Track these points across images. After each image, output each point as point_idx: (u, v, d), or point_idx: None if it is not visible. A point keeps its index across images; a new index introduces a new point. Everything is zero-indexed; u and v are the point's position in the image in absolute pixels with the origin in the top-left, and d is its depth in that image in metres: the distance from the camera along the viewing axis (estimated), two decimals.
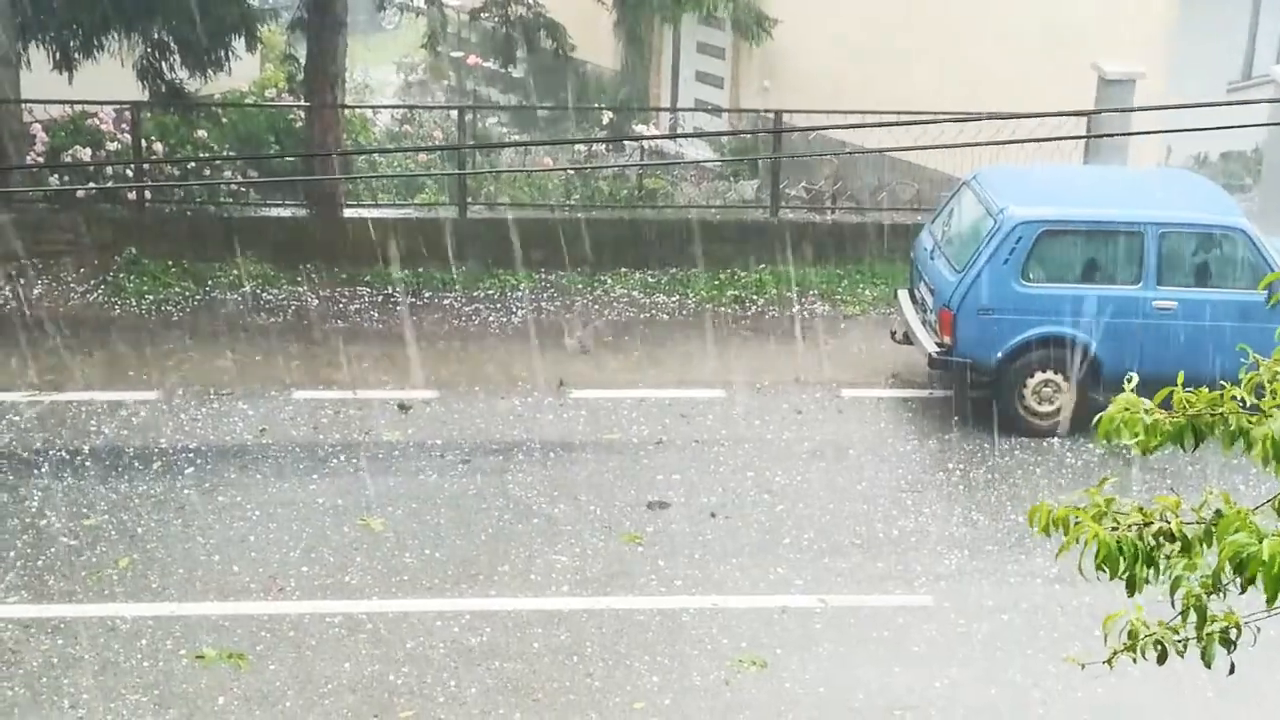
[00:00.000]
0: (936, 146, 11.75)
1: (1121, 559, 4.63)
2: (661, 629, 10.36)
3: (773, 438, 13.07)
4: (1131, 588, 4.64)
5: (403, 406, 13.36)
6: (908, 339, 13.99)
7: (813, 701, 9.67)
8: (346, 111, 17.45)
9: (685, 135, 20.66)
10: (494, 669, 9.86)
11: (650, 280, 16.29)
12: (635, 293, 16.04)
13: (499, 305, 15.60)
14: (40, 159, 16.58)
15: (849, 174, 18.49)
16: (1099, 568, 4.66)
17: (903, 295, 14.46)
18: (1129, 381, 4.97)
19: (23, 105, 16.42)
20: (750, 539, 11.47)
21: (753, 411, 13.53)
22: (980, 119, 10.13)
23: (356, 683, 9.66)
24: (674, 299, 15.95)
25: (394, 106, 20.58)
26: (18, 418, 12.86)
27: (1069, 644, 10.04)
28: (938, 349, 13.27)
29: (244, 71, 18.42)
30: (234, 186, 16.86)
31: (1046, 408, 13.18)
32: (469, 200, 16.94)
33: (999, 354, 13.11)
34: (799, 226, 17.12)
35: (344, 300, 15.55)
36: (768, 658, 10.04)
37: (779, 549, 11.34)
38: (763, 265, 16.53)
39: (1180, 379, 4.96)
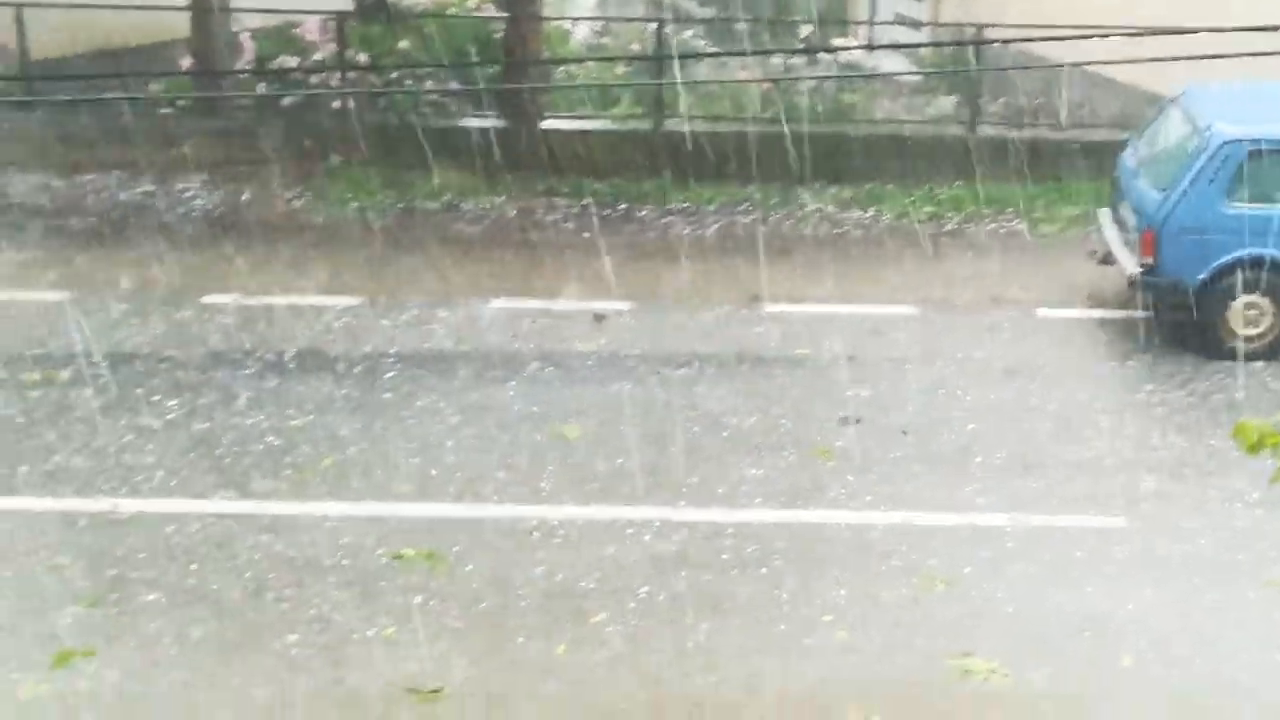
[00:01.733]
0: (1142, 60, 11.46)
1: None
2: (850, 544, 10.38)
3: (966, 356, 12.98)
4: None
5: (598, 317, 13.50)
6: (1107, 259, 13.75)
7: (1001, 619, 9.64)
8: (545, 23, 17.55)
9: (883, 47, 20.44)
10: (683, 578, 9.96)
11: (845, 195, 16.21)
12: (829, 207, 15.98)
13: (693, 218, 15.65)
14: (248, 67, 16.95)
15: (1050, 90, 18.15)
16: None
17: (1103, 214, 14.21)
18: None
19: (232, 13, 16.78)
20: (941, 457, 11.42)
21: (946, 329, 13.44)
22: (1189, 33, 9.86)
23: (550, 587, 9.82)
24: (869, 214, 15.86)
25: (592, 19, 20.65)
26: (228, 320, 13.26)
27: (1270, 568, 9.88)
28: (1139, 269, 13.04)
29: None
30: (435, 97, 17.10)
31: (1251, 331, 12.89)
32: (665, 113, 16.98)
33: (1203, 276, 12.82)
34: (997, 143, 16.88)
35: (540, 211, 15.72)
36: (956, 575, 10.00)
37: (970, 467, 11.28)
38: (959, 182, 16.34)
39: None
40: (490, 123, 16.99)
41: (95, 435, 11.33)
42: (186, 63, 17.21)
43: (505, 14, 17.08)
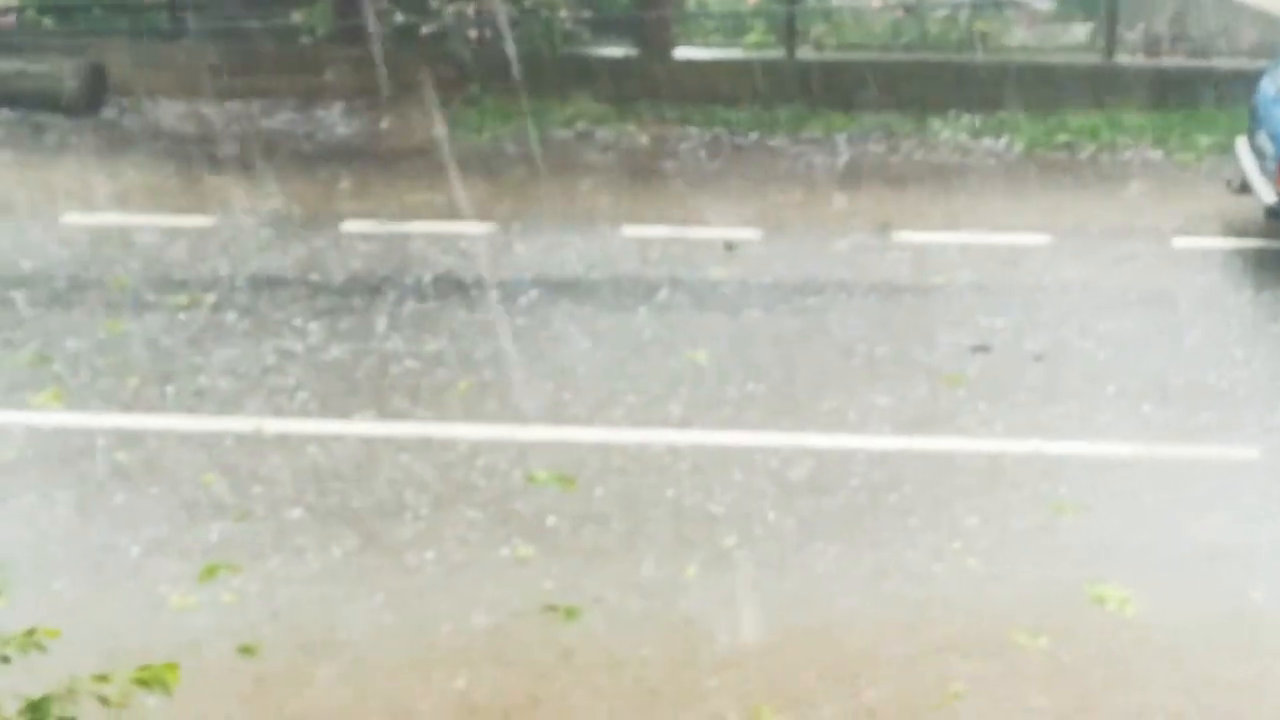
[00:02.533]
0: None
1: None
2: (980, 472, 10.38)
3: (1099, 285, 12.92)
4: None
5: (729, 245, 13.59)
6: (1244, 188, 13.59)
7: (1131, 549, 9.62)
8: None
9: None
10: (812, 503, 10.02)
11: (977, 124, 16.13)
12: (962, 136, 15.91)
13: (824, 147, 15.65)
14: None
15: (1188, 17, 17.88)
16: None
17: (1241, 143, 14.02)
18: None
19: None
20: (1073, 386, 11.41)
21: (1079, 258, 13.37)
22: None
23: (679, 510, 9.93)
24: (1001, 143, 15.76)
25: None
26: (366, 246, 13.52)
27: None
28: (1276, 199, 12.88)
29: None
30: (569, 26, 17.22)
31: None
32: (797, 42, 16.97)
33: None
34: (1133, 71, 16.68)
35: (672, 140, 15.81)
36: (1087, 504, 9.99)
37: (1102, 396, 11.25)
38: (1094, 110, 16.18)
39: None
40: (623, 52, 17.09)
41: (240, 357, 11.66)
42: None
43: None
